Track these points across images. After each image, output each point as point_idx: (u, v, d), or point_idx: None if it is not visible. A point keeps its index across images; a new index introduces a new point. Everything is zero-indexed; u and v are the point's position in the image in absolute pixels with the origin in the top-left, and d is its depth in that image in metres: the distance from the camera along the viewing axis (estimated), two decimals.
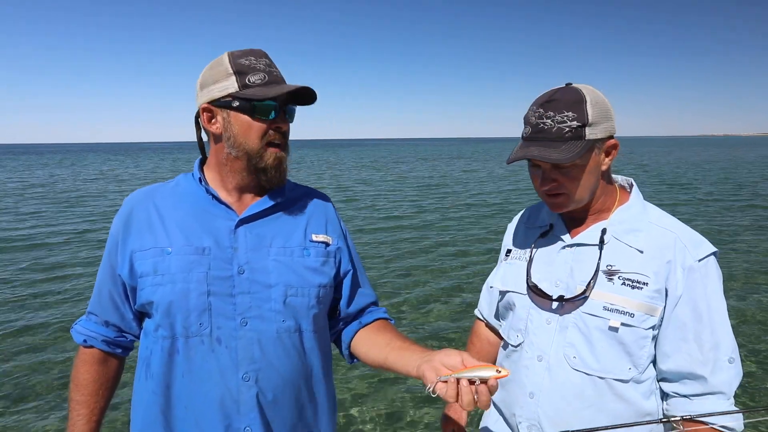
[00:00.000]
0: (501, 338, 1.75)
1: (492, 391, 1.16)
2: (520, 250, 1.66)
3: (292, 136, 1.53)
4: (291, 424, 1.48)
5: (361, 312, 1.65)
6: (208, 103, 1.46)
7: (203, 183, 1.51)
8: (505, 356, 1.68)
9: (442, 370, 1.21)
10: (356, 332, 1.62)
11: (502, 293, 1.67)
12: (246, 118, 1.43)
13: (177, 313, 1.40)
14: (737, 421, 1.40)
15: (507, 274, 1.66)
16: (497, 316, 1.79)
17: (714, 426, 1.39)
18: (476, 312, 1.93)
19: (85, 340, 1.56)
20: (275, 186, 1.52)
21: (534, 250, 1.60)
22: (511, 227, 1.79)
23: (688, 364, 1.42)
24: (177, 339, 1.41)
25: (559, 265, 1.54)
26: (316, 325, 1.52)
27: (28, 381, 5.20)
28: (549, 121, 1.42)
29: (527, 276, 1.56)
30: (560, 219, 1.60)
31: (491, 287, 1.76)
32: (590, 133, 1.42)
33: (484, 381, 1.16)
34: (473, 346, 1.91)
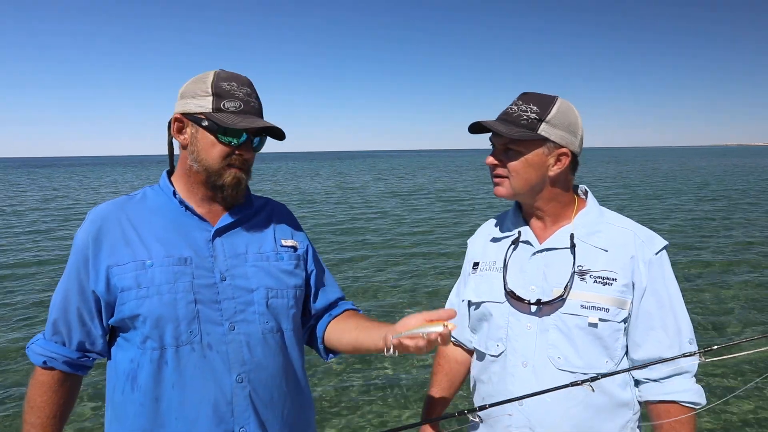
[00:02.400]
0: (470, 354, 1.80)
1: (444, 340, 1.31)
2: (489, 261, 1.70)
3: (301, 149, 1.61)
4: (281, 419, 1.55)
5: (329, 307, 1.74)
6: (182, 114, 1.51)
7: (176, 196, 1.55)
8: (482, 368, 1.69)
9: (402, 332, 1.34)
10: (327, 325, 1.70)
11: (477, 305, 1.70)
12: (211, 138, 1.48)
13: (167, 323, 1.43)
14: (702, 396, 1.53)
15: (480, 285, 1.70)
16: (471, 330, 1.80)
17: (683, 403, 1.51)
18: None
19: (45, 362, 1.50)
20: (231, 204, 1.57)
21: (506, 259, 1.65)
22: (475, 241, 1.84)
23: (658, 349, 1.53)
24: (166, 349, 1.43)
25: (532, 270, 1.60)
26: (294, 324, 1.62)
27: None
28: (515, 108, 1.57)
29: (504, 284, 1.61)
30: (527, 227, 1.67)
31: (463, 300, 1.78)
32: (543, 130, 1.54)
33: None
34: (440, 367, 1.88)
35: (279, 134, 1.56)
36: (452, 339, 1.85)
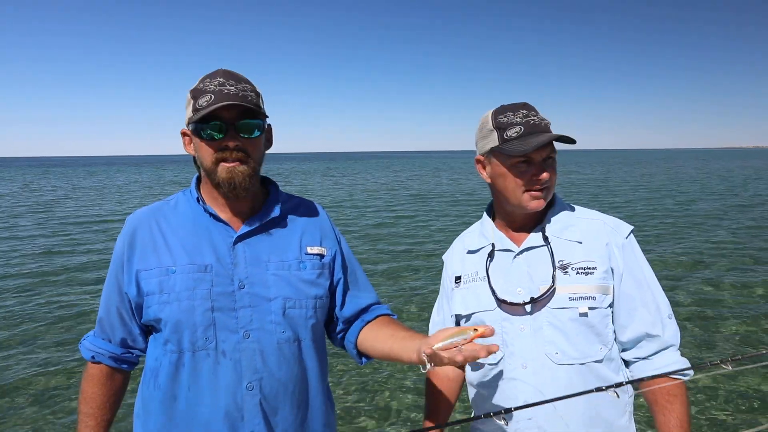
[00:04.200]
0: (462, 368, 1.78)
1: (485, 350, 1.22)
2: (471, 273, 1.71)
3: (312, 149, 1.54)
4: (292, 425, 1.55)
5: (362, 312, 1.70)
6: (184, 128, 1.55)
7: (201, 202, 1.57)
8: (481, 376, 1.69)
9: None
10: (360, 330, 1.67)
11: (467, 317, 1.70)
12: (198, 141, 1.50)
13: (184, 329, 1.48)
14: (687, 365, 1.56)
15: (467, 297, 1.70)
16: None
17: (671, 375, 1.54)
18: None
19: (93, 357, 1.61)
20: (230, 198, 1.54)
21: (488, 268, 1.67)
22: (451, 257, 1.83)
23: (642, 327, 1.58)
24: (184, 353, 1.49)
25: (516, 273, 1.63)
26: (314, 335, 1.60)
27: (36, 391, 5.35)
28: (535, 118, 1.60)
29: (492, 291, 1.63)
30: (500, 234, 1.70)
31: (452, 316, 1.77)
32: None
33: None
34: (433, 387, 1.82)
35: (255, 113, 1.49)
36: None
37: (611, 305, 1.59)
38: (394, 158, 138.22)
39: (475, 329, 1.26)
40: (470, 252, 1.75)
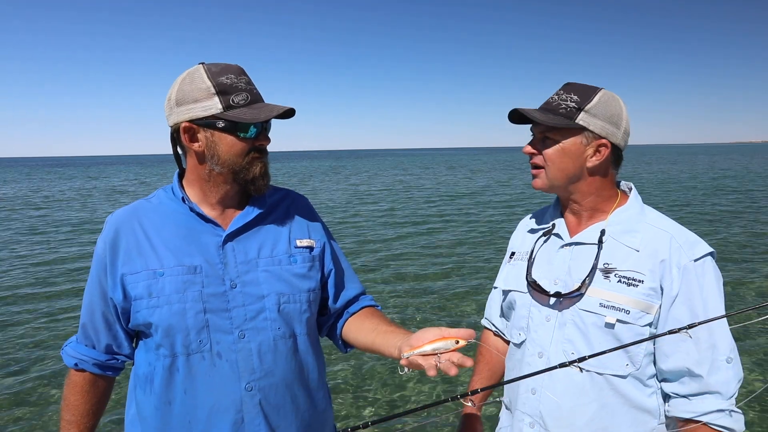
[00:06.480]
0: (508, 343, 1.77)
1: (458, 360, 1.19)
2: (523, 252, 1.71)
3: (315, 147, 1.50)
4: (294, 423, 1.54)
5: (349, 303, 1.71)
6: (189, 121, 1.44)
7: (187, 202, 1.52)
8: (509, 355, 1.72)
9: (417, 346, 1.27)
10: (346, 321, 1.69)
11: (505, 293, 1.73)
12: (231, 138, 1.44)
13: (176, 332, 1.44)
14: (738, 422, 1.39)
15: (510, 274, 1.72)
16: (503, 318, 1.83)
17: (713, 426, 1.39)
18: (483, 321, 1.94)
19: (76, 364, 1.57)
20: (262, 192, 1.54)
21: (535, 249, 1.65)
22: (516, 234, 1.83)
23: (685, 363, 1.42)
24: (177, 357, 1.45)
25: (558, 263, 1.58)
26: (308, 328, 1.59)
27: (19, 398, 5.21)
28: (557, 97, 1.54)
29: (527, 273, 1.61)
30: (561, 220, 1.64)
31: (495, 287, 1.82)
32: (582, 119, 1.49)
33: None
34: (482, 356, 1.86)
35: (286, 115, 1.51)
36: (493, 328, 1.87)
37: (651, 325, 1.44)
38: (401, 156, 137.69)
39: (458, 341, 1.23)
40: (531, 231, 1.74)
